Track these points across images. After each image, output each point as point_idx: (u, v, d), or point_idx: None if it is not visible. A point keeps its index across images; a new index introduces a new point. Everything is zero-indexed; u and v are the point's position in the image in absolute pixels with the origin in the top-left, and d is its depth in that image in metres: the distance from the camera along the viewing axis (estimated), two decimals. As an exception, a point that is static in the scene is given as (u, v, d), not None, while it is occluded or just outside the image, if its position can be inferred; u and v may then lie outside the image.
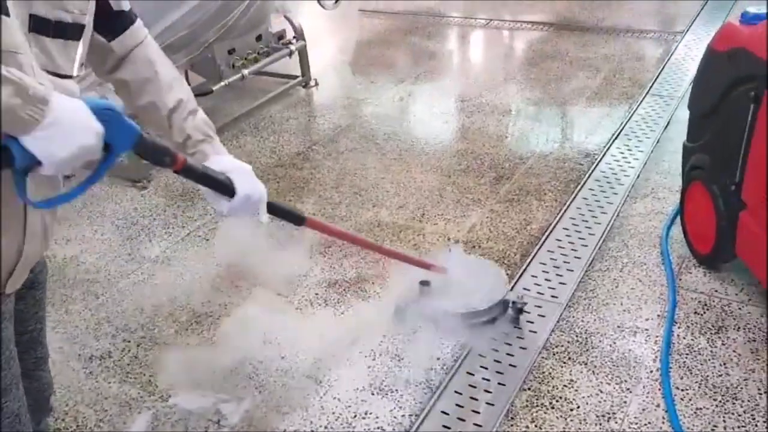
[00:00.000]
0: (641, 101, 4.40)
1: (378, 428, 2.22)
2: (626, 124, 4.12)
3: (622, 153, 3.79)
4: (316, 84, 5.01)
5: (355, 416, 2.26)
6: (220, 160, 1.59)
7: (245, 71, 4.38)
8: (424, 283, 2.62)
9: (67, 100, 1.18)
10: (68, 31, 1.31)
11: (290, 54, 4.74)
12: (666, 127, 4.04)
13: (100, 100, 1.24)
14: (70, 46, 1.33)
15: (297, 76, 4.94)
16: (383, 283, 2.88)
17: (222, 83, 4.24)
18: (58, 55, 1.29)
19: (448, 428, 2.20)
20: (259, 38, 4.55)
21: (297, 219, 1.88)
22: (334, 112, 4.59)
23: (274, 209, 1.76)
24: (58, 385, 2.19)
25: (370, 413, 2.27)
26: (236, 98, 4.68)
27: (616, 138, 3.96)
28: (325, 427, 2.23)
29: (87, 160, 1.22)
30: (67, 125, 1.16)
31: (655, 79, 4.71)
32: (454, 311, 2.55)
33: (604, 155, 3.78)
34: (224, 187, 1.55)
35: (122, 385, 2.46)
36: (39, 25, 1.25)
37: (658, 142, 3.88)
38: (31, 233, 1.35)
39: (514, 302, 2.60)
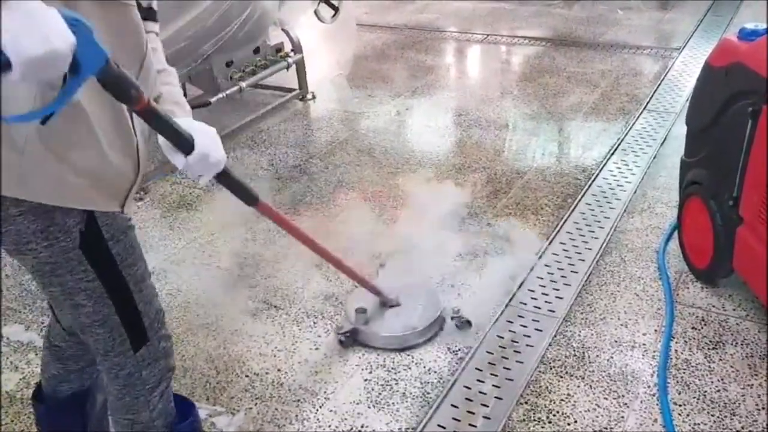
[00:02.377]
0: (638, 117, 4.41)
1: (374, 442, 2.21)
2: (623, 139, 4.12)
3: (619, 168, 3.80)
4: (314, 97, 5.01)
5: (351, 429, 2.24)
6: (187, 121, 1.59)
7: (243, 84, 4.38)
8: (360, 311, 2.62)
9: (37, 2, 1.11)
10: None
11: (288, 67, 4.75)
12: (663, 142, 4.05)
13: (69, 11, 1.16)
14: None
15: (294, 89, 4.95)
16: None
17: (220, 95, 4.24)
18: None
19: (445, 442, 2.18)
20: (257, 51, 4.56)
21: (249, 198, 1.84)
22: (332, 126, 4.60)
23: (229, 182, 1.75)
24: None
25: (367, 426, 2.25)
26: (234, 111, 4.67)
27: (613, 153, 3.97)
28: (321, 441, 2.22)
29: (53, 77, 1.16)
30: (38, 19, 1.09)
31: (652, 95, 4.73)
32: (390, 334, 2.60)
33: (601, 170, 3.79)
34: (184, 142, 1.53)
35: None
36: None
37: (654, 157, 3.89)
38: (143, 154, 1.44)
39: (452, 317, 2.68)
